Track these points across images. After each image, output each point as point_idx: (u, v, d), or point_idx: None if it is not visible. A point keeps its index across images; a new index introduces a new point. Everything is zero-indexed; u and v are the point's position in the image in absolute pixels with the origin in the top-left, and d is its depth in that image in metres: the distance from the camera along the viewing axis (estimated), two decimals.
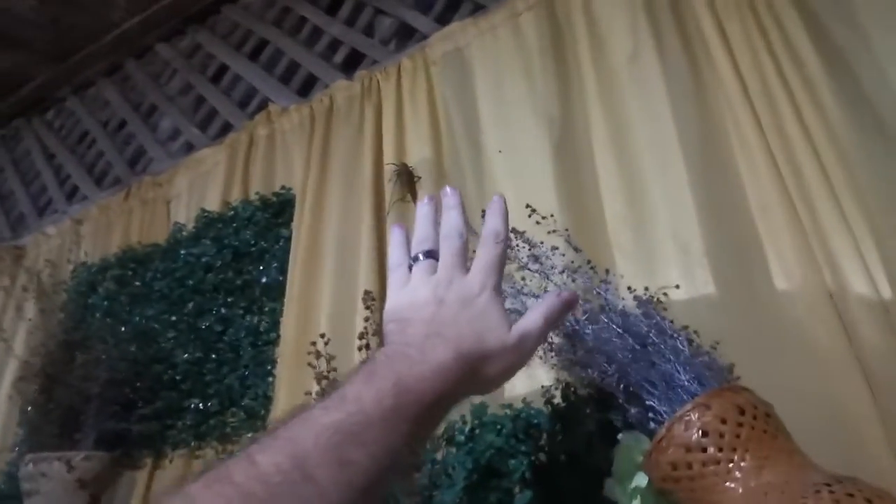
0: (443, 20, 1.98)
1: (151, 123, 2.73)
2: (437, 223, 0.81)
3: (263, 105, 2.29)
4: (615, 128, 1.44)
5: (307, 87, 2.25)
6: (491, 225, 0.75)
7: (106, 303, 2.11)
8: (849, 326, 1.04)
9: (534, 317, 0.71)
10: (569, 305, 0.72)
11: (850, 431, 0.99)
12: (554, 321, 0.70)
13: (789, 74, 1.25)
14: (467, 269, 0.73)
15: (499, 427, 1.29)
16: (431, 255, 0.76)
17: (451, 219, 0.79)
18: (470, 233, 0.83)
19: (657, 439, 0.97)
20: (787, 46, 1.27)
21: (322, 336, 1.46)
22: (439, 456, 1.33)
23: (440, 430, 1.34)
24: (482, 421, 1.31)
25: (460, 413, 1.32)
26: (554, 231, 1.31)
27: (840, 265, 1.08)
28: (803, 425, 0.97)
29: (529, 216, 1.33)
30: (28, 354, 1.89)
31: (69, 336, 1.91)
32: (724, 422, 0.93)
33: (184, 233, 2.08)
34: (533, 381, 1.33)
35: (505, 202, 0.78)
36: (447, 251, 0.75)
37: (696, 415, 0.94)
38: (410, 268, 0.76)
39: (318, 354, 1.38)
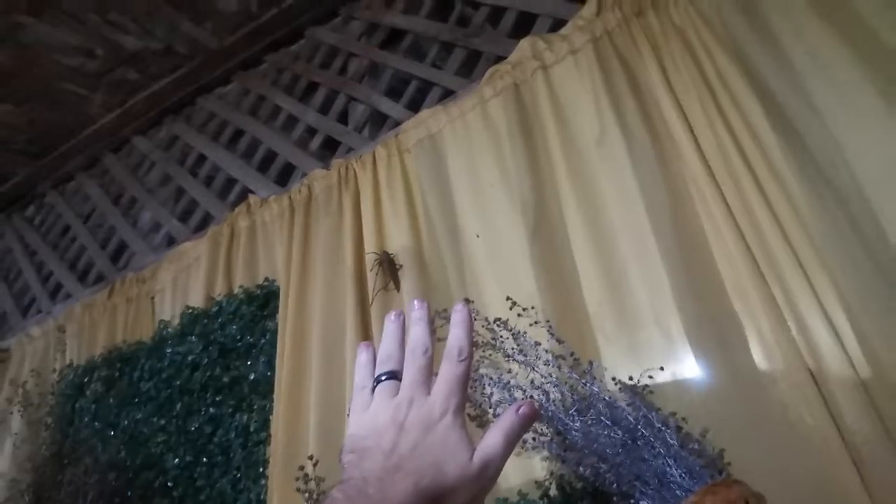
0: (414, 106, 2.03)
1: (132, 216, 2.75)
2: (403, 340, 0.80)
3: (243, 194, 2.32)
4: (589, 210, 1.48)
5: (285, 175, 2.29)
6: (454, 339, 0.71)
7: (94, 405, 2.09)
8: (830, 405, 1.06)
9: (494, 440, 0.67)
10: (529, 420, 0.68)
11: None
12: (516, 440, 0.67)
13: (749, 151, 1.30)
14: (430, 389, 0.72)
15: None
16: (394, 375, 0.75)
17: (416, 334, 0.77)
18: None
19: None
20: (745, 124, 1.32)
21: (310, 458, 1.45)
22: None
23: None
24: None
25: None
26: (536, 322, 1.32)
27: (817, 343, 1.11)
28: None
29: (511, 308, 1.35)
30: (16, 471, 1.85)
31: (58, 446, 1.88)
32: None
33: (169, 330, 2.08)
34: (527, 472, 1.32)
35: (469, 312, 0.74)
36: (410, 368, 0.72)
37: None
38: (374, 389, 0.75)
39: (306, 478, 1.37)
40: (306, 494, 1.36)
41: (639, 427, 1.08)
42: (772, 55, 1.35)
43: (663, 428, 1.07)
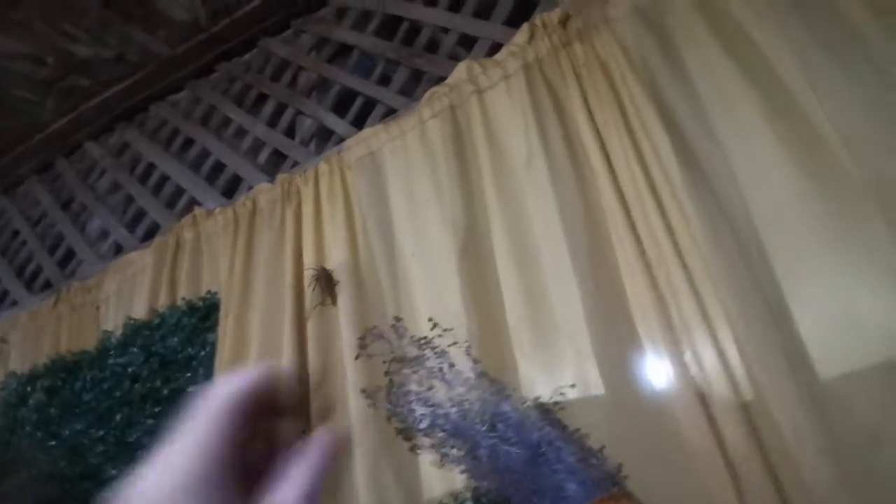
0: (358, 123, 2.08)
1: (81, 223, 2.75)
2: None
3: (191, 205, 2.34)
4: (514, 231, 1.54)
5: (233, 187, 2.32)
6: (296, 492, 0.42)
7: (36, 415, 2.10)
8: (715, 424, 1.13)
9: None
10: (334, 461, 0.46)
11: None
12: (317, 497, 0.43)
13: (657, 182, 1.37)
14: None
15: None
16: None
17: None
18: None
19: None
20: (654, 155, 1.40)
21: None
22: None
23: None
24: None
25: None
26: (455, 343, 1.39)
27: (706, 367, 1.19)
28: None
29: (432, 328, 1.41)
30: None
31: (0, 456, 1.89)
32: None
33: (112, 340, 2.10)
34: (449, 484, 1.38)
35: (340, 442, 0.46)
36: None
37: None
38: None
39: None
40: None
41: (541, 444, 1.15)
42: (682, 89, 1.43)
43: (563, 445, 1.14)
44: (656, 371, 1.25)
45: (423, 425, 1.39)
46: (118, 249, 2.50)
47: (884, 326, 1.06)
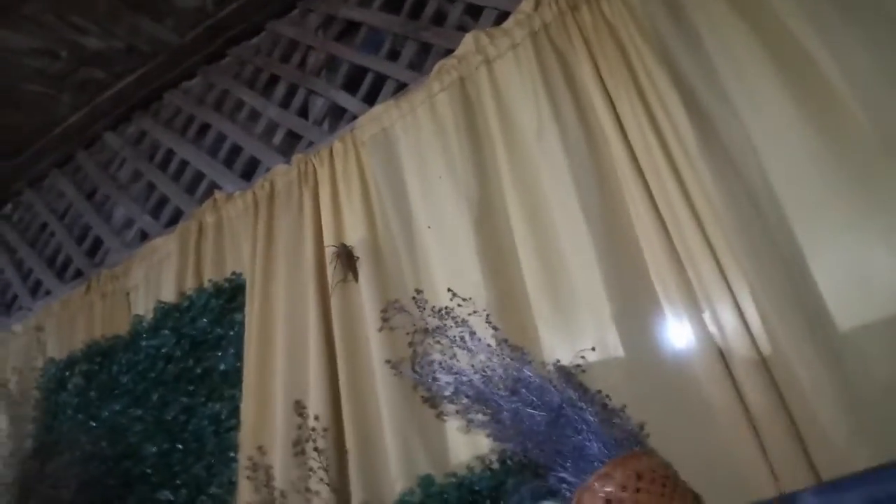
0: (370, 99, 2.10)
1: (105, 213, 2.81)
2: None
3: (211, 189, 2.38)
4: (528, 201, 1.56)
5: (250, 170, 2.35)
6: None
7: (76, 399, 2.18)
8: (736, 380, 1.15)
9: None
10: None
11: (738, 475, 1.10)
12: None
13: (671, 145, 1.38)
14: None
15: (445, 496, 1.39)
16: None
17: None
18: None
19: None
20: (667, 119, 1.40)
21: (259, 448, 1.56)
22: None
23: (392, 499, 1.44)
24: (429, 492, 1.41)
25: (409, 485, 1.42)
26: (474, 312, 1.42)
27: (725, 325, 1.20)
28: (701, 472, 1.10)
29: (451, 299, 1.44)
30: (1, 466, 1.95)
31: (41, 440, 1.97)
32: (624, 489, 1.04)
33: (143, 324, 2.16)
34: (475, 448, 1.42)
35: None
36: None
37: (600, 484, 1.05)
38: None
39: (254, 467, 1.48)
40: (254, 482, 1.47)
41: (563, 406, 1.18)
42: (692, 51, 1.42)
43: (585, 406, 1.17)
44: (675, 331, 1.27)
45: (447, 393, 1.42)
46: (143, 236, 2.56)
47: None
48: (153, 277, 2.31)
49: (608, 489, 1.04)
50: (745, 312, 1.19)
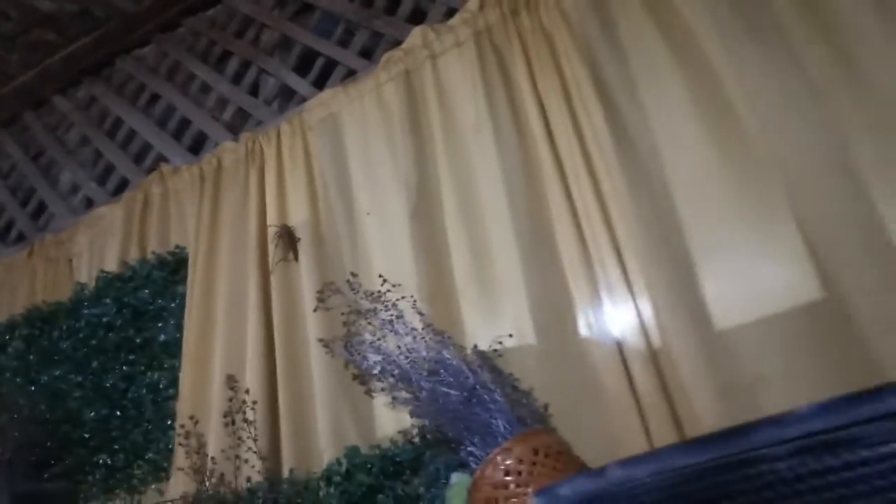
0: (319, 83, 2.16)
1: (52, 177, 2.80)
2: None
3: (158, 160, 2.42)
4: (462, 192, 1.66)
5: (198, 144, 2.39)
6: None
7: (15, 362, 2.21)
8: (628, 369, 1.28)
9: None
10: None
11: (626, 452, 1.22)
12: None
13: (592, 153, 1.50)
14: None
15: (369, 466, 1.50)
16: None
17: None
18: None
19: (475, 479, 1.20)
20: (590, 127, 1.51)
21: (191, 418, 1.64)
22: (321, 495, 1.52)
23: (321, 468, 1.54)
24: (355, 463, 1.51)
25: (335, 456, 1.52)
26: (404, 298, 1.52)
27: (624, 320, 1.33)
28: (594, 449, 1.23)
29: (382, 284, 1.54)
30: None
31: None
32: (521, 462, 1.16)
33: (86, 292, 2.19)
34: (400, 422, 1.53)
35: None
36: None
37: (501, 458, 1.17)
38: None
39: (188, 435, 1.57)
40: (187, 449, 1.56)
41: (476, 387, 1.29)
42: (618, 64, 1.53)
43: (495, 388, 1.28)
44: (582, 323, 1.39)
45: (375, 371, 1.52)
46: (89, 203, 2.57)
47: (771, 285, 1.21)
48: (97, 246, 2.34)
49: (508, 462, 1.16)
50: (640, 309, 1.32)
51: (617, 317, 1.34)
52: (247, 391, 1.63)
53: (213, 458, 1.58)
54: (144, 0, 2.66)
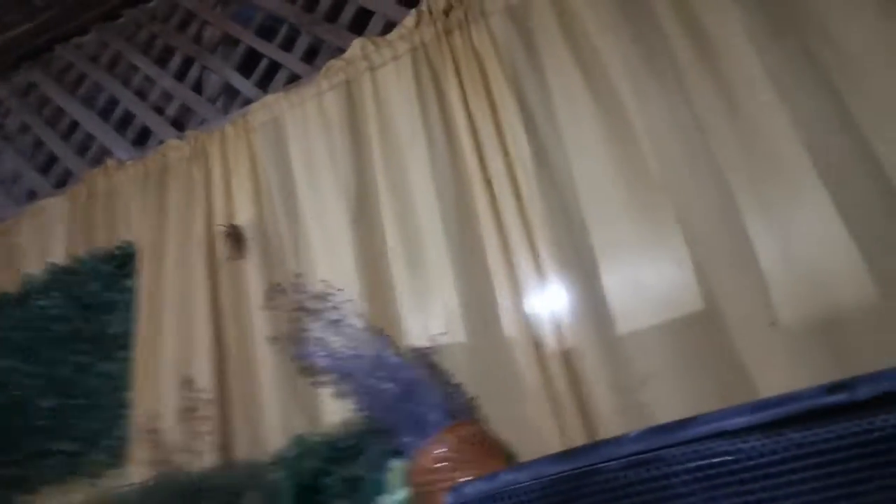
0: (263, 85, 2.25)
1: None
2: None
3: (102, 153, 2.47)
4: (399, 201, 1.80)
5: (142, 137, 2.45)
6: None
7: None
8: (543, 365, 1.48)
9: None
10: None
11: (541, 440, 1.42)
12: None
13: (515, 166, 1.66)
14: None
15: (315, 452, 1.66)
16: None
17: None
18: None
19: (411, 465, 1.37)
20: (514, 144, 1.68)
21: (150, 414, 1.77)
22: (272, 477, 1.68)
23: (270, 456, 1.69)
24: (302, 448, 1.67)
25: (285, 442, 1.68)
26: (347, 301, 1.67)
27: (541, 321, 1.52)
28: (515, 436, 1.42)
29: (325, 288, 1.68)
30: None
31: None
32: (451, 450, 1.34)
33: (33, 283, 2.25)
34: (344, 411, 1.69)
35: None
36: None
37: (433, 447, 1.35)
38: None
39: (147, 430, 1.70)
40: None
41: (411, 383, 1.46)
42: (538, 85, 1.70)
43: (429, 383, 1.46)
44: (505, 323, 1.57)
45: (321, 365, 1.68)
46: (31, 195, 2.60)
47: (662, 295, 1.41)
48: (42, 238, 2.38)
49: (439, 451, 1.34)
50: (555, 310, 1.51)
51: (534, 317, 1.53)
52: (202, 390, 1.76)
53: (171, 451, 1.71)
54: None
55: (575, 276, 1.51)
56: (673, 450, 0.60)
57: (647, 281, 1.44)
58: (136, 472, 1.77)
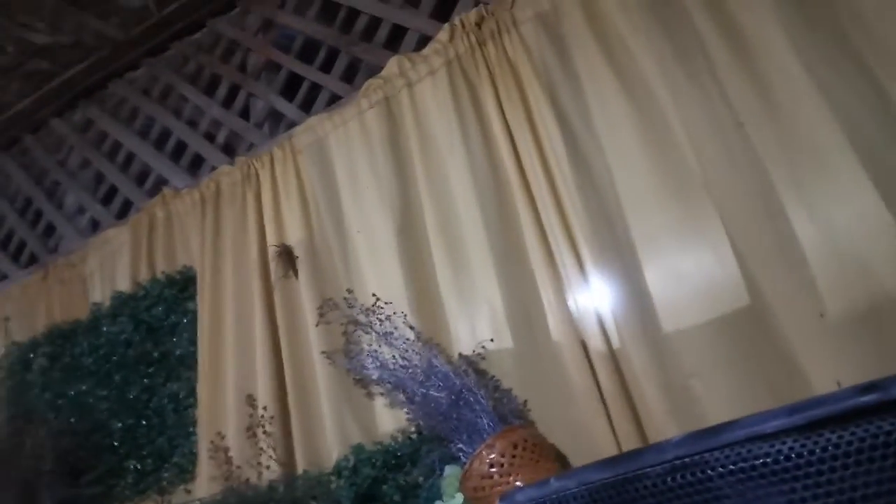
0: (306, 107, 2.33)
1: (58, 199, 2.96)
2: None
3: (159, 182, 2.59)
4: (441, 214, 1.84)
5: (196, 165, 2.56)
6: None
7: (42, 378, 2.40)
8: (593, 368, 1.49)
9: None
10: None
11: (592, 441, 1.44)
12: None
13: (553, 171, 1.69)
14: None
15: (373, 461, 1.71)
16: None
17: None
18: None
19: (465, 471, 1.41)
20: (551, 149, 1.70)
21: (218, 433, 1.85)
22: (332, 487, 1.74)
23: (331, 466, 1.75)
24: (360, 458, 1.72)
25: (344, 453, 1.74)
26: (395, 314, 1.71)
27: (587, 323, 1.53)
28: (567, 439, 1.44)
29: (374, 303, 1.73)
30: None
31: (11, 415, 2.20)
32: (503, 455, 1.37)
33: (102, 311, 2.38)
34: (398, 420, 1.73)
35: None
36: None
37: (486, 452, 1.38)
38: None
39: (215, 448, 1.78)
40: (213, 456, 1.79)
41: (462, 391, 1.49)
42: (574, 93, 1.71)
43: (479, 390, 1.49)
44: (552, 327, 1.59)
45: (374, 377, 1.73)
46: (95, 225, 2.74)
47: (707, 291, 1.41)
48: (108, 267, 2.52)
49: (492, 456, 1.37)
50: (601, 312, 1.53)
51: (580, 319, 1.55)
52: (264, 408, 1.83)
53: (238, 466, 1.79)
54: (133, 29, 2.80)
55: (618, 277, 1.52)
56: (714, 453, 0.62)
57: (692, 278, 1.44)
58: (204, 487, 1.85)
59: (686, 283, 1.45)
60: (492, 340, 1.67)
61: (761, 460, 0.59)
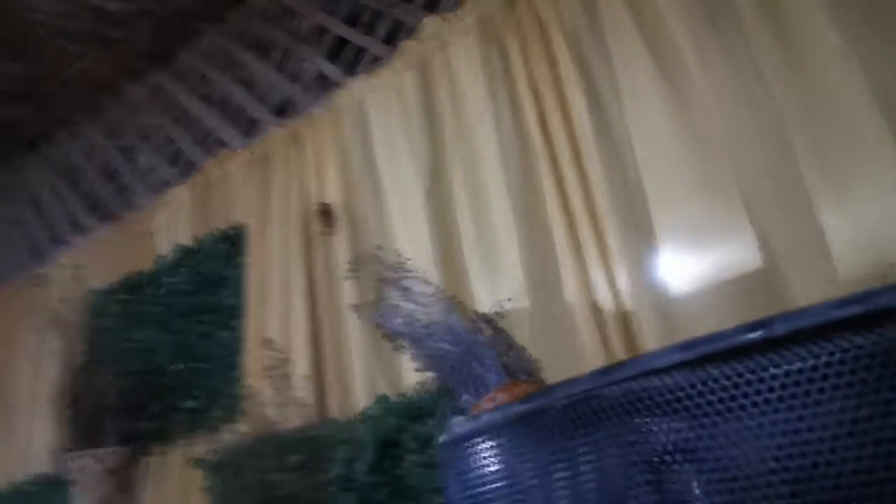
0: (350, 69, 2.39)
1: (131, 159, 3.18)
2: None
3: (217, 143, 2.74)
4: (469, 177, 1.88)
5: (251, 127, 2.68)
6: None
7: (112, 324, 2.63)
8: (602, 330, 1.50)
9: None
10: None
11: None
12: None
13: (578, 136, 1.68)
14: None
15: (396, 411, 1.79)
16: None
17: None
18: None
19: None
20: (577, 116, 1.69)
21: (261, 378, 1.98)
22: (358, 433, 1.84)
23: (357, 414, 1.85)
24: (384, 406, 1.81)
25: (371, 402, 1.83)
26: (419, 270, 1.77)
27: (600, 285, 1.54)
28: None
29: (401, 259, 1.79)
30: (56, 376, 2.42)
31: (85, 358, 2.43)
32: None
33: (165, 263, 2.57)
34: (421, 374, 1.81)
35: None
36: None
37: (486, 405, 1.42)
38: None
39: (259, 392, 1.93)
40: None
41: (472, 346, 1.54)
42: (602, 59, 1.70)
43: (489, 346, 1.53)
44: (566, 289, 1.61)
45: (395, 331, 1.80)
46: (164, 183, 2.93)
47: (721, 255, 1.39)
48: (172, 222, 2.70)
49: (488, 407, 1.41)
50: (614, 275, 1.53)
51: (595, 281, 1.55)
52: (302, 356, 1.96)
53: (277, 408, 1.92)
54: None
55: (634, 241, 1.52)
56: (612, 388, 0.65)
57: (707, 241, 1.42)
58: (248, 426, 2.00)
59: (701, 246, 1.43)
60: (509, 300, 1.70)
61: (649, 393, 0.61)
